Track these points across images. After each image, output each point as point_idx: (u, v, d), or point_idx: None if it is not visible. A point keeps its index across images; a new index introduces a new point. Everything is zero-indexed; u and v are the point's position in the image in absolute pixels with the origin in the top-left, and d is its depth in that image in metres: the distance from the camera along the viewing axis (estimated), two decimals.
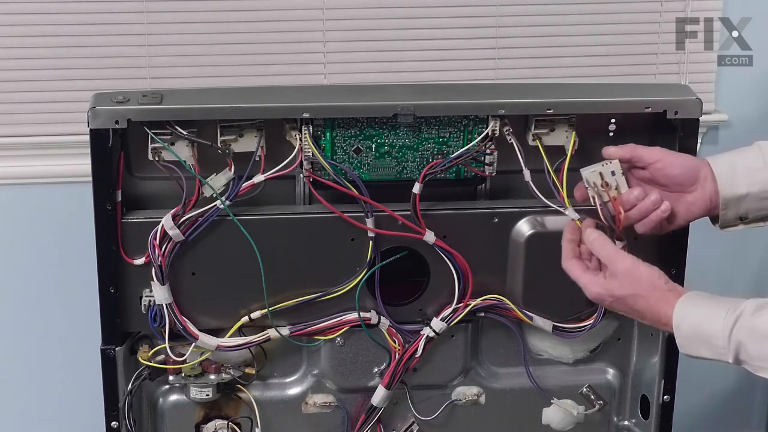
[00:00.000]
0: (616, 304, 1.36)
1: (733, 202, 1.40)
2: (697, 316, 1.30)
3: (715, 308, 1.29)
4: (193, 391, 1.53)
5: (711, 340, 1.28)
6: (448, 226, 1.50)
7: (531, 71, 2.18)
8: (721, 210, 1.41)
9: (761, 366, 1.26)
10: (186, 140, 1.42)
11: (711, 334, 1.28)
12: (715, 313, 1.28)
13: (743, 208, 1.41)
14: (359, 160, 1.49)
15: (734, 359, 1.27)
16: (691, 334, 1.30)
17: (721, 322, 1.27)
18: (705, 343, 1.29)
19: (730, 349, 1.26)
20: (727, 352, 1.27)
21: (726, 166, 1.41)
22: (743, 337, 1.25)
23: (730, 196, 1.40)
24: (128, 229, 1.45)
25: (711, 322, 1.28)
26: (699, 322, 1.29)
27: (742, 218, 1.42)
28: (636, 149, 1.42)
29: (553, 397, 1.63)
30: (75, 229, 2.00)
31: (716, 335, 1.27)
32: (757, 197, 1.40)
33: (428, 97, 1.47)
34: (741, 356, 1.27)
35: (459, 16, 2.14)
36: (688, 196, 1.41)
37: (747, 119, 2.29)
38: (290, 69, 2.12)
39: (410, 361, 1.54)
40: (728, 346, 1.26)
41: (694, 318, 1.30)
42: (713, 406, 2.52)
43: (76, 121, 1.84)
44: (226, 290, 1.49)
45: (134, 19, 2.04)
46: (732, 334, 1.26)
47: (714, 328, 1.27)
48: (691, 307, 1.31)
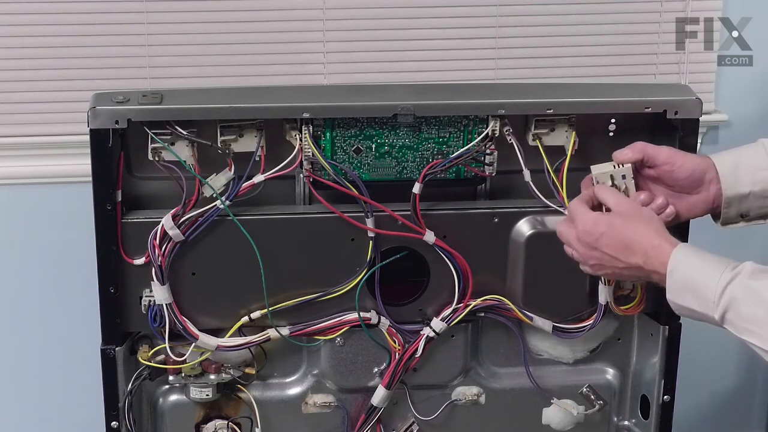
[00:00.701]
0: (607, 234, 1.32)
1: (736, 201, 1.40)
2: (694, 264, 1.27)
3: (715, 261, 1.27)
4: (193, 391, 1.53)
5: (703, 290, 1.25)
6: (448, 226, 1.50)
7: (531, 71, 2.18)
8: (723, 208, 1.41)
9: (748, 329, 1.22)
10: (186, 140, 1.42)
11: (704, 284, 1.25)
12: (713, 265, 1.26)
13: (745, 206, 1.41)
14: (359, 160, 1.49)
15: (720, 316, 1.24)
16: (684, 281, 1.27)
17: (717, 275, 1.24)
18: (695, 293, 1.26)
19: (720, 304, 1.24)
20: (716, 307, 1.24)
21: (730, 165, 1.40)
22: (738, 295, 1.23)
23: (732, 194, 1.40)
24: (128, 229, 1.45)
25: (707, 273, 1.26)
26: (695, 270, 1.27)
27: (743, 215, 1.42)
28: (646, 149, 1.40)
29: (553, 397, 1.63)
30: (75, 229, 2.00)
31: (709, 287, 1.24)
32: (759, 196, 1.40)
33: (428, 97, 1.47)
34: (729, 315, 1.24)
35: (459, 16, 2.14)
36: (691, 198, 1.41)
37: (747, 119, 2.29)
38: (290, 69, 2.12)
39: (410, 361, 1.54)
40: (718, 301, 1.24)
41: (691, 265, 1.27)
42: (713, 406, 2.52)
43: (76, 121, 1.84)
44: (226, 290, 1.49)
45: (134, 19, 2.04)
46: (726, 289, 1.23)
47: (709, 279, 1.25)
48: (691, 254, 1.28)
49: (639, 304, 1.53)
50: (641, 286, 1.53)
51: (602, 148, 1.48)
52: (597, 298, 1.53)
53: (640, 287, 1.53)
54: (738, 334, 1.24)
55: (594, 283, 1.53)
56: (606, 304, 1.52)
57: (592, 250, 1.35)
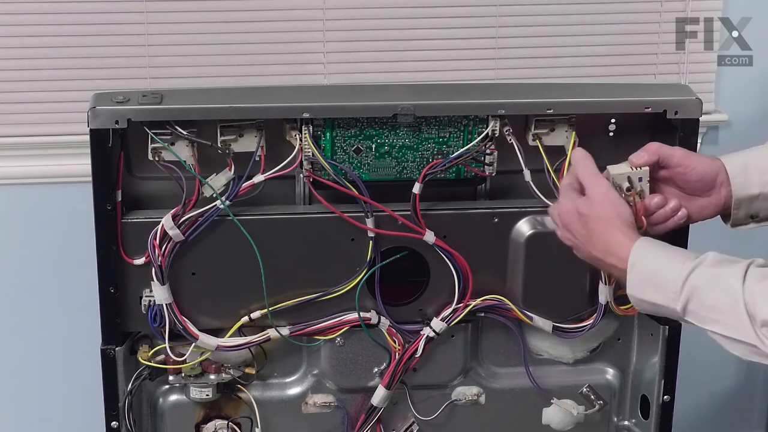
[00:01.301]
0: (575, 224, 1.32)
1: (746, 202, 1.40)
2: (655, 256, 1.27)
3: (676, 253, 1.26)
4: (193, 391, 1.53)
5: (664, 282, 1.24)
6: (448, 226, 1.50)
7: (531, 71, 2.17)
8: (733, 209, 1.40)
9: (711, 317, 1.21)
10: (186, 140, 1.42)
11: (666, 276, 1.24)
12: (674, 257, 1.25)
13: (755, 207, 1.41)
14: (359, 160, 1.49)
15: (682, 307, 1.23)
16: (645, 273, 1.26)
17: (679, 266, 1.24)
18: (657, 285, 1.25)
19: (682, 294, 1.23)
20: (678, 297, 1.23)
21: (739, 167, 1.40)
22: (701, 283, 1.22)
23: (742, 196, 1.40)
24: (128, 229, 1.45)
25: (668, 264, 1.25)
26: (656, 262, 1.26)
27: (753, 217, 1.42)
28: (661, 150, 1.38)
29: (553, 397, 1.63)
30: (75, 229, 2.00)
31: (671, 278, 1.24)
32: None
33: (428, 97, 1.47)
34: (691, 305, 1.23)
35: (459, 16, 2.14)
36: (701, 200, 1.41)
37: (747, 119, 2.29)
38: (290, 69, 2.12)
39: (410, 361, 1.54)
40: (680, 292, 1.23)
41: (652, 258, 1.27)
42: (713, 406, 2.52)
43: (76, 121, 1.84)
44: (226, 290, 1.49)
45: (134, 19, 2.04)
46: (688, 279, 1.22)
47: (671, 270, 1.24)
48: (652, 248, 1.27)
49: None
50: None
51: (602, 148, 1.47)
52: (597, 298, 1.53)
53: None
54: (701, 325, 1.23)
55: (594, 283, 1.53)
56: (606, 304, 1.52)
57: (567, 232, 1.35)
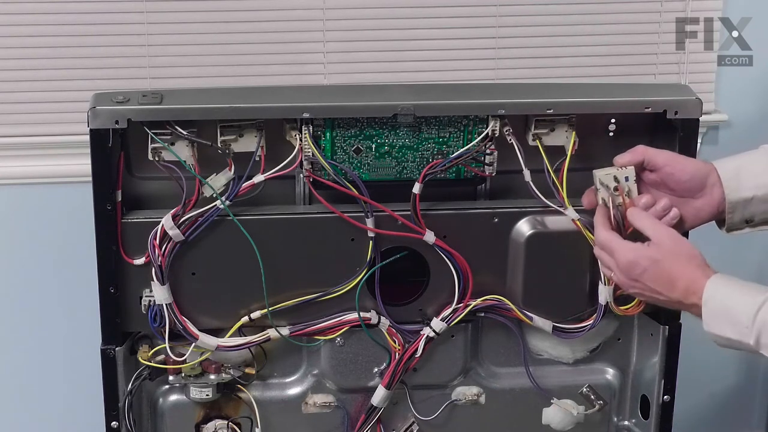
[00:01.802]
0: (650, 271, 1.33)
1: (740, 206, 1.40)
2: (727, 293, 1.29)
3: (746, 288, 1.29)
4: (193, 391, 1.53)
5: (736, 317, 1.27)
6: (448, 226, 1.50)
7: (531, 71, 2.18)
8: (728, 213, 1.40)
9: None
10: (186, 140, 1.42)
11: (737, 310, 1.27)
12: (744, 292, 1.28)
13: (749, 211, 1.41)
14: (359, 160, 1.49)
15: (755, 340, 1.26)
16: (719, 311, 1.29)
17: (750, 301, 1.26)
18: (730, 320, 1.28)
19: (754, 329, 1.25)
20: (750, 332, 1.26)
21: (732, 170, 1.41)
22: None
23: (736, 199, 1.40)
24: (128, 229, 1.45)
25: (740, 299, 1.27)
26: (728, 298, 1.28)
27: (748, 221, 1.42)
28: (647, 151, 1.41)
29: (553, 397, 1.63)
30: (75, 229, 2.00)
31: (742, 312, 1.26)
32: (763, 200, 1.40)
33: (428, 97, 1.47)
34: (763, 339, 1.25)
35: (459, 16, 2.14)
36: (696, 202, 1.41)
37: (747, 119, 2.29)
38: (290, 69, 2.12)
39: (410, 361, 1.54)
40: (752, 326, 1.25)
41: (724, 294, 1.29)
42: (713, 406, 2.52)
43: (76, 121, 1.84)
44: (226, 290, 1.49)
45: (134, 19, 2.04)
46: (759, 312, 1.25)
47: (742, 304, 1.27)
48: (724, 284, 1.30)
49: (639, 304, 1.53)
50: None
51: (602, 148, 1.48)
52: (597, 298, 1.53)
53: None
54: None
55: (594, 283, 1.53)
56: (606, 304, 1.52)
57: (633, 281, 1.36)
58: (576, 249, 1.51)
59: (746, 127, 2.28)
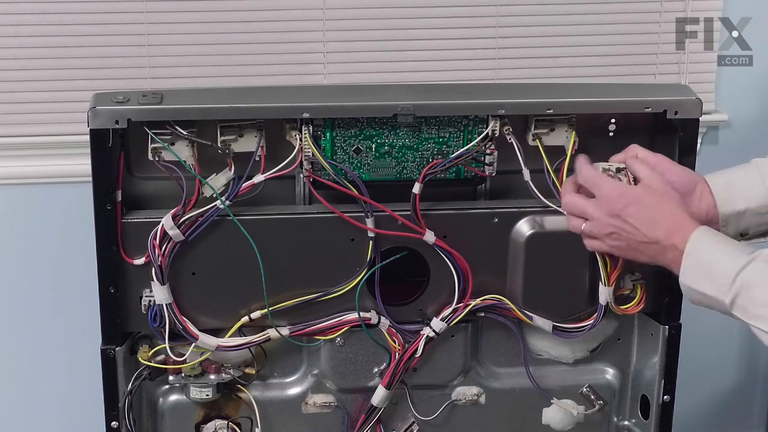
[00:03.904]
0: (635, 205, 1.32)
1: (733, 219, 1.40)
2: (713, 246, 1.28)
3: (733, 246, 1.28)
4: (193, 391, 1.53)
5: (717, 273, 1.25)
6: (448, 226, 1.50)
7: (531, 71, 2.18)
8: (722, 227, 1.40)
9: (760, 314, 1.22)
10: (186, 140, 1.42)
11: (719, 267, 1.26)
12: (730, 250, 1.27)
13: (743, 224, 1.41)
14: (359, 160, 1.49)
15: (731, 300, 1.24)
16: (701, 263, 1.28)
17: (733, 259, 1.25)
18: (710, 275, 1.26)
19: (733, 287, 1.24)
20: (728, 290, 1.24)
21: (723, 183, 1.41)
22: (753, 278, 1.23)
23: (729, 212, 1.40)
24: (128, 229, 1.45)
25: (724, 256, 1.26)
26: (712, 253, 1.27)
27: (742, 234, 1.42)
28: (639, 150, 1.42)
29: (553, 397, 1.63)
30: (75, 229, 2.00)
31: (724, 270, 1.25)
32: (756, 212, 1.40)
33: (428, 97, 1.47)
34: (740, 299, 1.24)
35: (459, 16, 2.14)
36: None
37: (747, 119, 2.29)
38: (290, 69, 2.12)
39: (410, 361, 1.54)
40: (731, 285, 1.24)
41: (709, 247, 1.28)
42: (713, 406, 2.52)
43: (76, 121, 1.84)
44: (226, 290, 1.49)
45: (134, 19, 2.04)
46: (741, 272, 1.24)
47: (725, 262, 1.26)
48: (710, 237, 1.29)
49: (639, 304, 1.53)
50: (641, 286, 1.53)
51: (602, 148, 1.48)
52: (597, 298, 1.53)
53: (639, 287, 1.53)
54: (747, 320, 1.24)
55: (594, 283, 1.53)
56: (606, 304, 1.52)
57: (612, 218, 1.34)
58: (576, 249, 1.50)
59: (746, 127, 2.28)
